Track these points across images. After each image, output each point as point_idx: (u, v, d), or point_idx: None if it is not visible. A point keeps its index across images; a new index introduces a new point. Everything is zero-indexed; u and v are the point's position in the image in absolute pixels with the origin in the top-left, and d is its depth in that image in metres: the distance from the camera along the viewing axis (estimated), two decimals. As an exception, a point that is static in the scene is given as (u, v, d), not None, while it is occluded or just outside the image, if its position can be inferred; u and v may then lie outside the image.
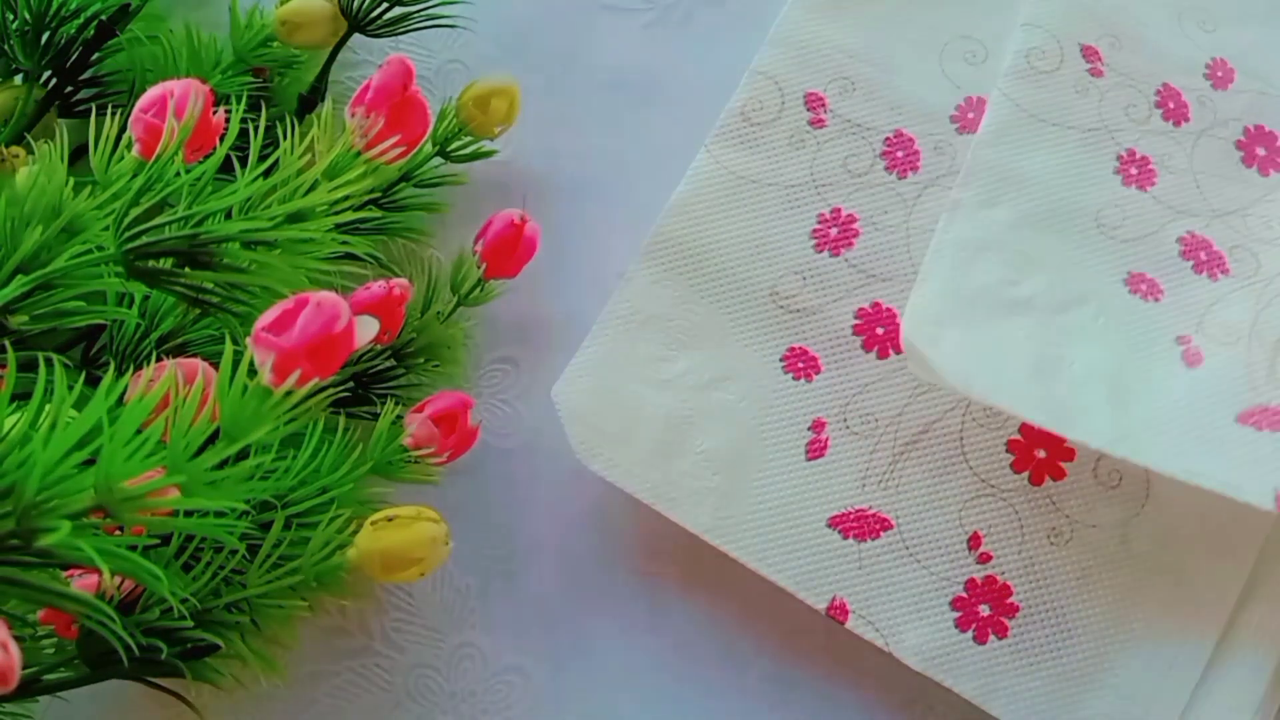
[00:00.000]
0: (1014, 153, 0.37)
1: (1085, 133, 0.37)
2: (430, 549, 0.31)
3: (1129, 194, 0.36)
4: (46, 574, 0.23)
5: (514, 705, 0.37)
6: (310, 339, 0.23)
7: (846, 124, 0.39)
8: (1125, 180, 0.37)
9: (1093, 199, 0.36)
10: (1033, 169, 0.36)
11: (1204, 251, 0.36)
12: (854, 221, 0.38)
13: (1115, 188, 0.36)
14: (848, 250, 0.38)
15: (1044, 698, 0.34)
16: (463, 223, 0.40)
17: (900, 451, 0.36)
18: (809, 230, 0.38)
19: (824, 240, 0.38)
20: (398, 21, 0.37)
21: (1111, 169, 0.37)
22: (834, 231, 0.38)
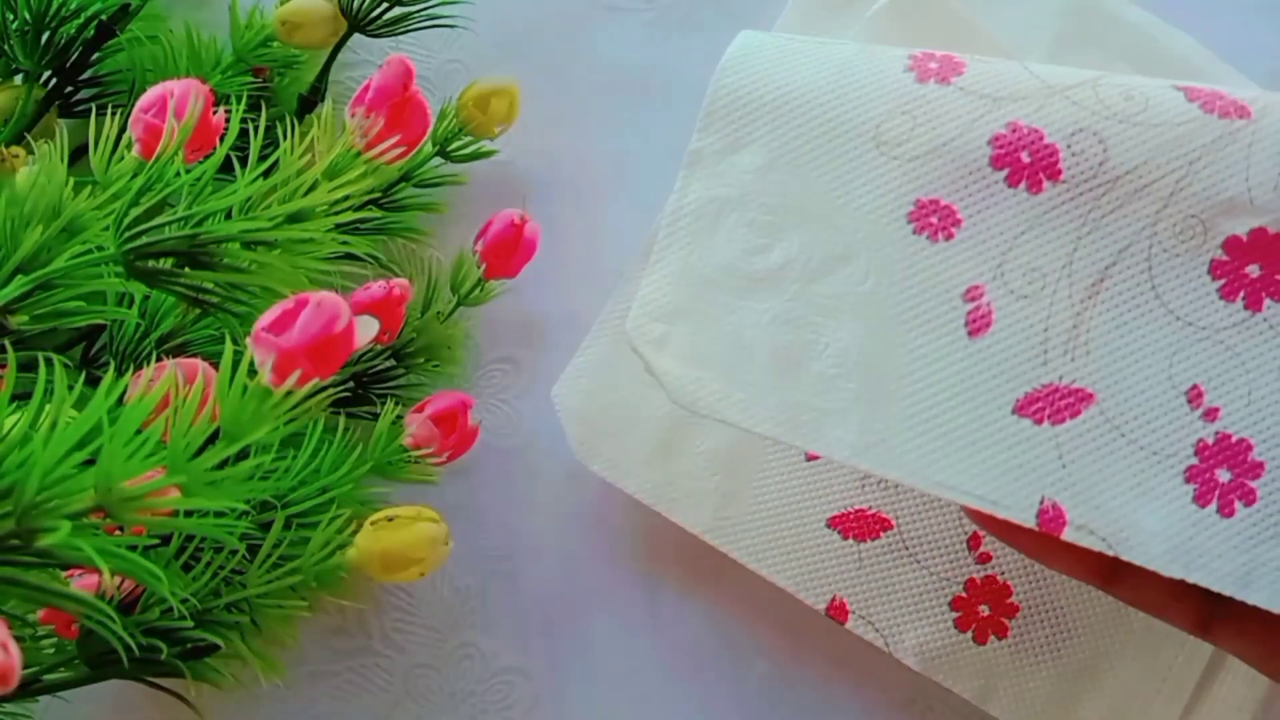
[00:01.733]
0: (769, 69, 0.30)
1: (861, 49, 0.30)
2: (430, 549, 0.31)
3: (926, 91, 0.29)
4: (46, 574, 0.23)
5: (514, 705, 0.37)
6: (310, 339, 0.23)
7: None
8: (921, 75, 0.29)
9: (872, 109, 0.29)
10: (793, 87, 0.30)
11: (1028, 150, 0.28)
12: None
13: (907, 86, 0.29)
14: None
15: (1043, 698, 0.34)
16: (463, 223, 0.40)
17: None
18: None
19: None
20: (398, 21, 0.37)
21: (903, 65, 0.29)
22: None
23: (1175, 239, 0.27)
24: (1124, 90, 0.27)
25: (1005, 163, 0.28)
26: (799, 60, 0.30)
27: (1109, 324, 0.28)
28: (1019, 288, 0.28)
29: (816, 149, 0.29)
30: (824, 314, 0.29)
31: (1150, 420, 0.27)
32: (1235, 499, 0.27)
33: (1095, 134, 0.27)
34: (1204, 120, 0.26)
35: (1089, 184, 0.27)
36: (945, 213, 0.28)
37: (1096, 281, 0.28)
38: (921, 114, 0.28)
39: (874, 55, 0.30)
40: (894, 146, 0.28)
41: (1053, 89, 0.28)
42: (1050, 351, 0.28)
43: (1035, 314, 0.28)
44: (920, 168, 0.28)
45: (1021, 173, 0.28)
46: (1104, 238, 0.28)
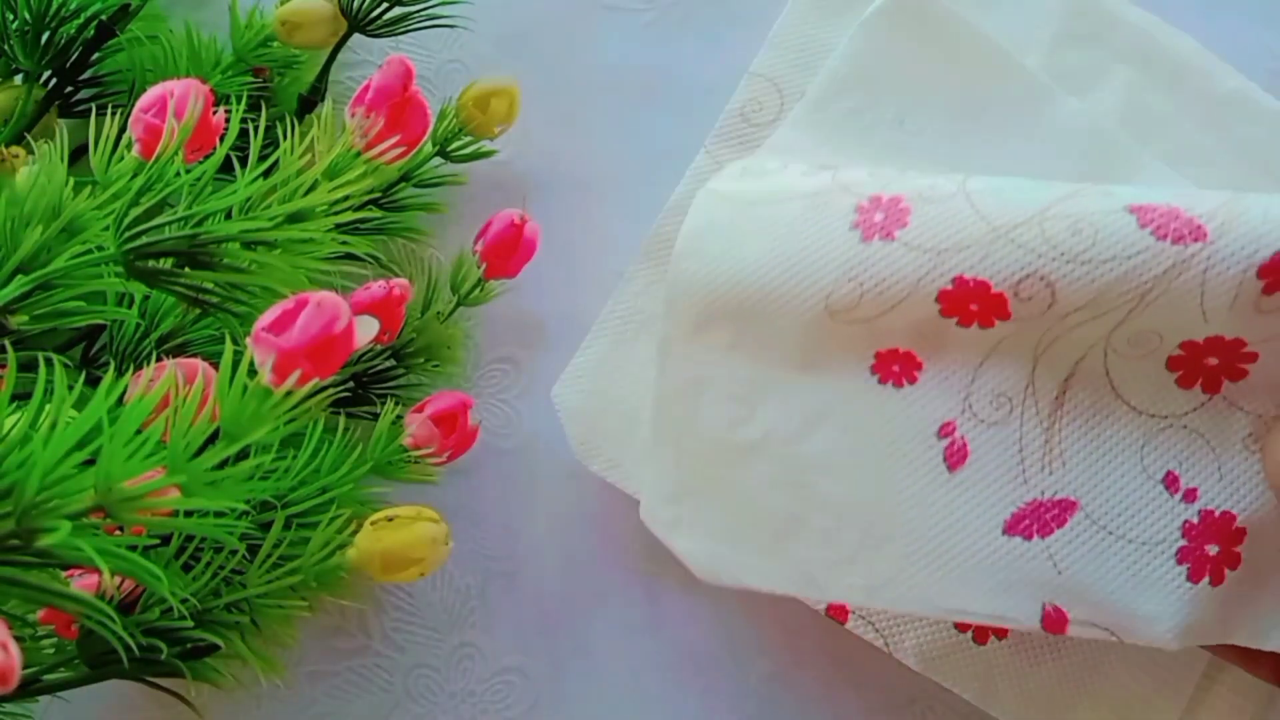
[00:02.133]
0: (725, 248, 0.31)
1: (811, 196, 0.31)
2: (430, 549, 0.31)
3: (871, 252, 0.29)
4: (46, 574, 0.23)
5: (514, 705, 0.37)
6: (310, 339, 0.23)
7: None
8: (866, 233, 0.29)
9: (821, 279, 0.29)
10: (745, 266, 0.30)
11: (975, 301, 0.28)
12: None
13: (853, 248, 0.29)
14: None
15: (1043, 698, 0.34)
16: (463, 223, 0.40)
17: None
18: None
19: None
20: (398, 21, 0.37)
21: (849, 222, 0.29)
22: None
23: (1130, 347, 0.28)
24: (1072, 223, 0.27)
25: (954, 312, 0.29)
26: (749, 232, 0.31)
27: (1078, 432, 0.29)
28: (988, 416, 0.29)
29: (775, 323, 0.30)
30: (812, 472, 0.30)
31: (1134, 514, 0.29)
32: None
33: (1042, 278, 0.27)
34: (1156, 249, 0.26)
35: (1039, 319, 0.28)
36: (905, 359, 0.30)
37: (1059, 395, 0.29)
38: (868, 278, 0.29)
39: (822, 212, 0.30)
40: (845, 313, 0.29)
41: (997, 232, 0.28)
42: (1028, 470, 0.29)
43: (1008, 438, 0.29)
44: (873, 327, 0.29)
45: (972, 318, 0.29)
46: (1060, 355, 0.29)
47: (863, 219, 0.29)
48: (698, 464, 0.31)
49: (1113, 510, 0.29)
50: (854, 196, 0.30)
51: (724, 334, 0.31)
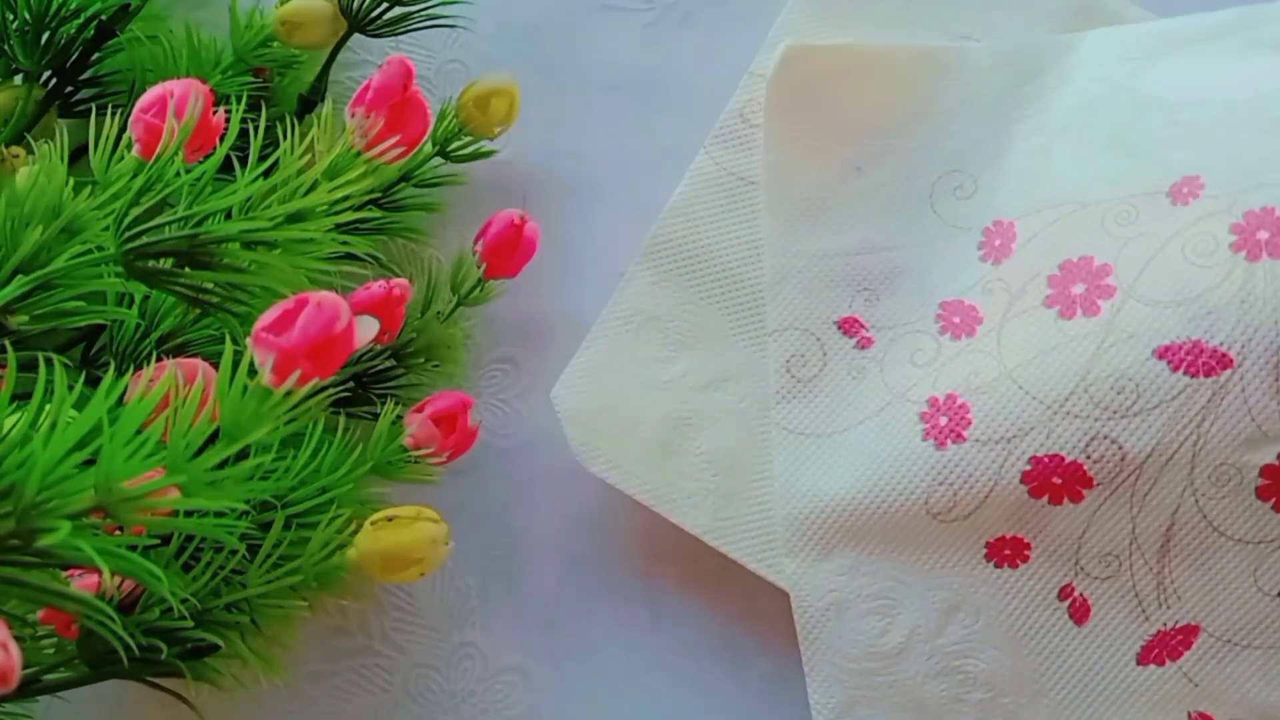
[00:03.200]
0: (815, 484, 0.34)
1: (875, 416, 0.35)
2: (430, 549, 0.31)
3: (949, 456, 0.33)
4: (46, 574, 0.23)
5: (514, 705, 0.37)
6: (310, 339, 0.23)
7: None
8: (939, 441, 0.33)
9: (915, 491, 0.33)
10: (840, 492, 0.34)
11: (1057, 475, 0.32)
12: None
13: (931, 456, 0.33)
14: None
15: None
16: (463, 223, 0.40)
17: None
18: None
19: None
20: (398, 21, 0.37)
21: (919, 433, 0.33)
22: None
23: (1215, 486, 0.31)
24: (1113, 384, 0.30)
25: (1042, 492, 0.32)
26: (833, 464, 0.35)
27: (1188, 570, 0.32)
28: (1100, 573, 0.32)
29: (887, 538, 0.34)
30: (959, 658, 0.33)
31: (1255, 625, 0.32)
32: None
33: (1106, 437, 0.30)
34: (1194, 385, 0.29)
35: (1120, 478, 0.31)
36: (1014, 543, 0.33)
37: (1164, 544, 0.32)
38: (956, 478, 0.32)
39: (891, 430, 0.33)
40: (946, 513, 0.33)
41: (1051, 410, 0.31)
42: (1147, 610, 0.32)
43: (1122, 587, 0.32)
44: (976, 521, 0.33)
45: (1060, 493, 0.32)
46: (1154, 510, 0.31)
47: (930, 426, 0.33)
48: (855, 677, 0.34)
49: (1234, 626, 0.32)
50: (912, 405, 0.33)
51: (846, 558, 0.34)
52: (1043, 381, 0.31)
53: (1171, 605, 0.32)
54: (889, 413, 0.34)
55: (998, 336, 0.32)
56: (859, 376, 0.35)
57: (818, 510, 0.34)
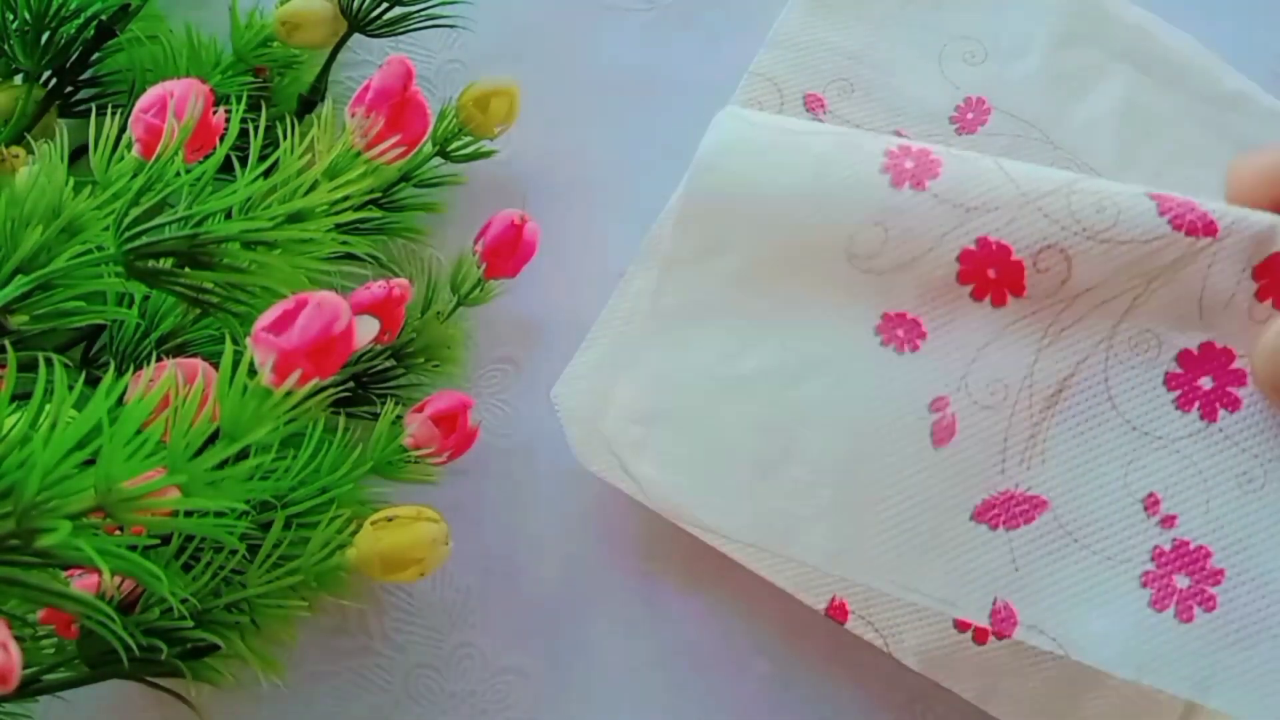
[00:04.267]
0: (745, 171, 0.30)
1: (841, 135, 0.30)
2: (430, 549, 0.31)
3: (900, 199, 0.29)
4: (46, 574, 0.23)
5: (514, 705, 0.37)
6: (310, 339, 0.23)
7: (846, 125, 0.39)
8: (896, 179, 0.29)
9: (846, 219, 0.29)
10: (769, 193, 0.29)
11: (994, 267, 0.28)
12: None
13: (882, 193, 0.29)
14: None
15: (1044, 698, 0.34)
16: (463, 223, 0.40)
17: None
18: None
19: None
20: (398, 21, 0.37)
21: (878, 165, 0.29)
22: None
23: (1130, 351, 0.28)
24: (1096, 200, 0.27)
25: (971, 278, 0.28)
26: (776, 159, 0.30)
27: (1066, 434, 0.29)
28: (982, 399, 0.29)
29: (791, 259, 0.29)
30: (797, 421, 0.29)
31: (1104, 527, 0.28)
32: (1194, 604, 0.28)
33: (1061, 250, 0.28)
34: (1170, 238, 0.27)
35: (1050, 299, 0.28)
36: (911, 326, 0.29)
37: (1055, 393, 0.29)
38: (894, 225, 0.28)
39: (851, 152, 0.29)
40: (865, 260, 0.29)
41: (1026, 198, 0.28)
42: (1008, 460, 0.29)
43: (996, 424, 0.29)
44: (888, 281, 0.29)
45: (987, 288, 0.28)
46: (1062, 350, 0.28)
47: (893, 164, 0.28)
48: (678, 391, 0.30)
49: (1082, 518, 0.29)
50: (885, 144, 0.29)
51: (733, 262, 0.30)
52: (1028, 175, 0.28)
53: (1034, 467, 0.29)
54: (856, 139, 0.30)
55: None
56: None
57: (730, 200, 0.29)
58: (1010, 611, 0.28)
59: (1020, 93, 0.39)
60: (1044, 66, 0.39)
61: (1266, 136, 0.39)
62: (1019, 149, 0.39)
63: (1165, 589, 0.28)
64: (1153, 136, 0.39)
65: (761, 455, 0.30)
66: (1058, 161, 0.38)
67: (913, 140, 0.29)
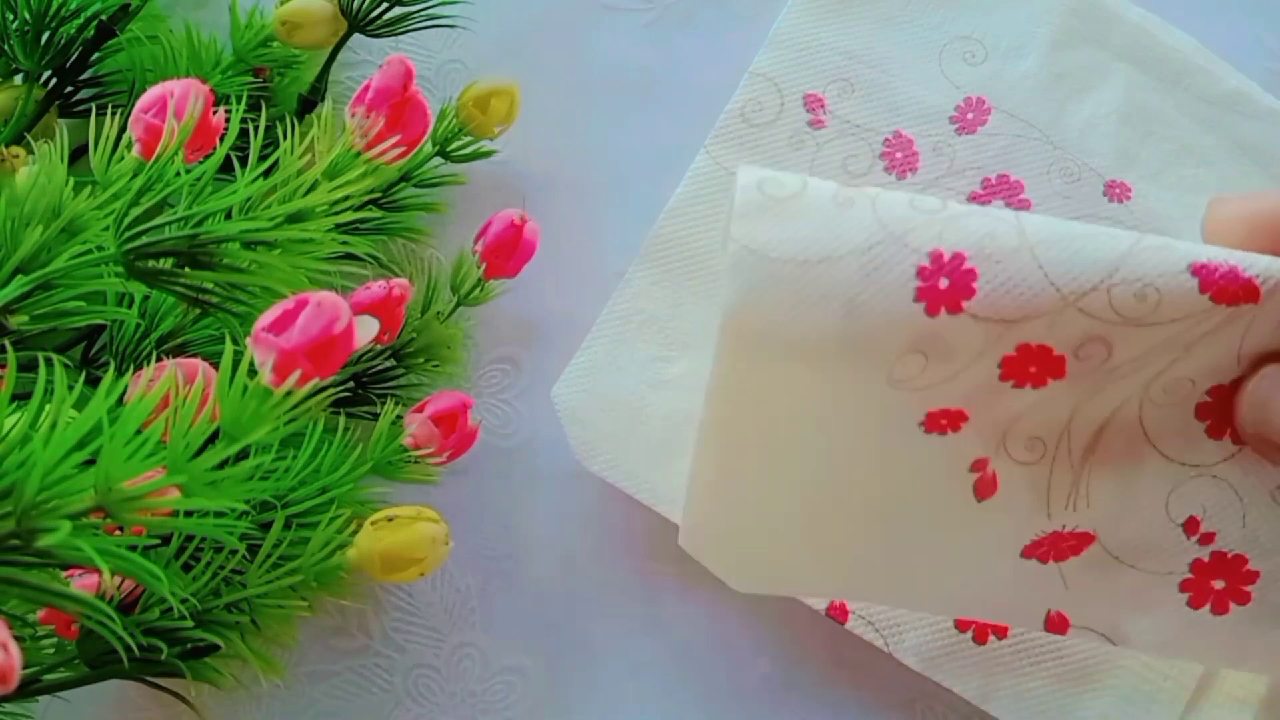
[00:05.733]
0: (778, 319, 0.29)
1: (865, 252, 0.29)
2: (430, 549, 0.31)
3: (937, 325, 0.29)
4: (46, 574, 0.23)
5: (514, 705, 0.37)
6: (310, 339, 0.23)
7: (846, 125, 0.39)
8: (930, 307, 0.28)
9: (884, 354, 0.29)
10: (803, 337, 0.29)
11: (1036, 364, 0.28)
12: None
13: (918, 322, 0.29)
14: None
15: (1044, 698, 0.34)
16: (463, 223, 0.40)
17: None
18: None
19: None
20: (398, 21, 0.37)
21: (910, 294, 0.28)
22: None
23: (1165, 394, 0.29)
24: (1139, 289, 0.27)
25: (1012, 375, 0.28)
26: (803, 301, 0.29)
27: (1107, 476, 0.30)
28: (1020, 456, 0.30)
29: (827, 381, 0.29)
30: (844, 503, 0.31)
31: (1148, 549, 0.30)
32: (1230, 600, 0.30)
33: (1103, 340, 0.28)
34: (1212, 311, 0.27)
35: (1089, 377, 0.28)
36: (954, 415, 0.29)
37: (1093, 441, 0.29)
38: (934, 352, 0.28)
39: (880, 278, 0.28)
40: (907, 381, 0.29)
41: (1066, 300, 0.27)
42: (1053, 506, 0.30)
43: (1038, 476, 0.30)
44: (932, 392, 0.29)
45: (1027, 380, 0.28)
46: (1098, 404, 0.29)
47: (926, 288, 0.28)
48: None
49: (1128, 543, 0.30)
50: (914, 254, 0.28)
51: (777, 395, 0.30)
52: (1066, 266, 0.27)
53: (1078, 509, 0.30)
54: (881, 256, 0.29)
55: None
56: (846, 206, 0.29)
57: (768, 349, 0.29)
58: (1064, 618, 0.31)
59: (1020, 92, 0.39)
60: (1044, 66, 0.39)
61: (1266, 136, 0.39)
62: (1019, 149, 0.39)
63: (1203, 591, 0.30)
64: (1153, 136, 0.39)
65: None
66: (1058, 161, 0.38)
67: (939, 199, 0.29)
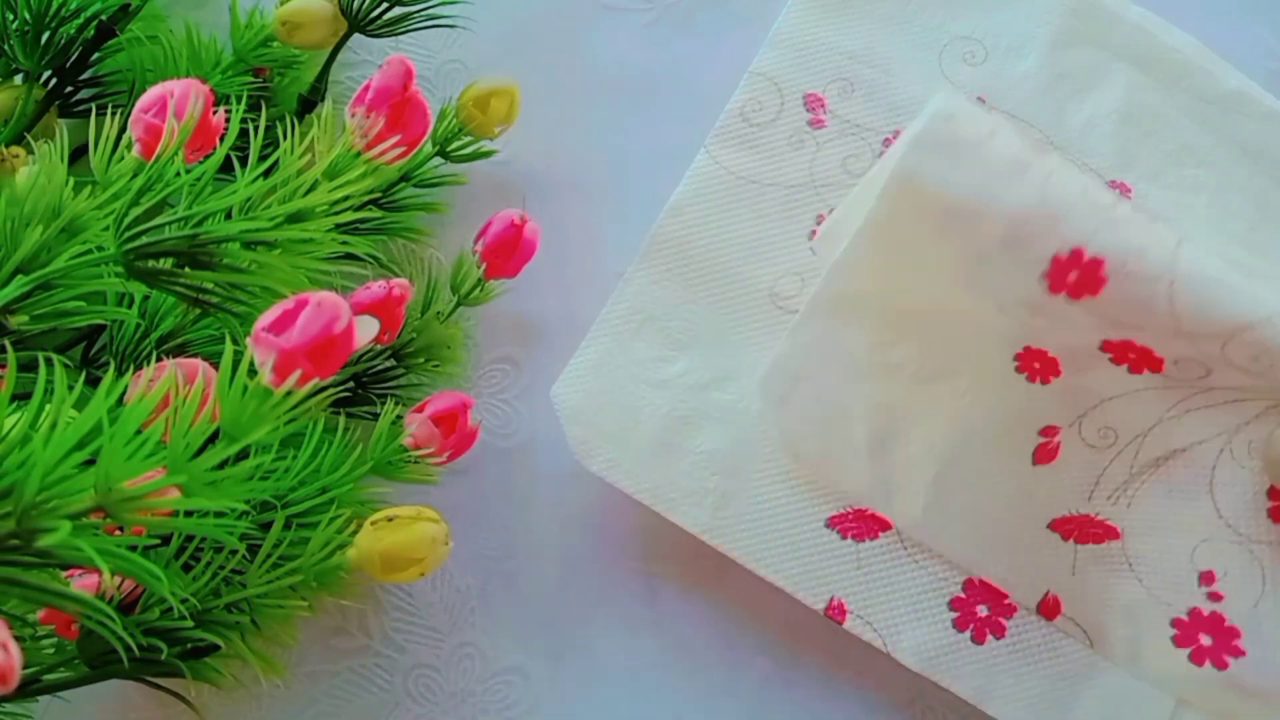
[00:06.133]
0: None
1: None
2: (430, 549, 0.31)
3: (1054, 304, 0.30)
4: (46, 574, 0.23)
5: (514, 705, 0.37)
6: (310, 339, 0.23)
7: (846, 124, 0.39)
8: (1053, 285, 0.29)
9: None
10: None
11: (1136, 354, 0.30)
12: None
13: (1036, 294, 0.30)
14: None
15: (1041, 698, 0.34)
16: (463, 223, 0.40)
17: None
18: (807, 231, 0.38)
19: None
20: (398, 21, 0.37)
21: (1039, 271, 0.29)
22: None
23: (1246, 454, 0.30)
24: (1253, 353, 0.28)
25: (1111, 350, 0.30)
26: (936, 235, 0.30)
27: (1159, 494, 0.31)
28: (1090, 438, 0.31)
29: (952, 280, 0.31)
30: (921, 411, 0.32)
31: (1160, 573, 0.31)
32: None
33: (1204, 365, 0.29)
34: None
35: (1183, 389, 0.30)
36: (1048, 363, 0.31)
37: (1163, 458, 0.31)
38: (1043, 323, 0.30)
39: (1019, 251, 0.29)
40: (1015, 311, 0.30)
41: (1182, 335, 0.28)
42: (1097, 495, 0.31)
43: (1097, 463, 0.31)
44: (1037, 328, 0.30)
45: (1126, 359, 0.30)
46: (1185, 426, 0.30)
47: (1055, 271, 0.29)
48: (826, 363, 0.35)
49: (1144, 558, 0.31)
50: (1058, 242, 0.29)
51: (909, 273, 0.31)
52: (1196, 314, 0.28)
53: (1118, 506, 0.31)
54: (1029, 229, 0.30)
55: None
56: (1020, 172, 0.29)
57: (929, 201, 0.29)
58: (1058, 603, 0.32)
59: (1020, 92, 0.39)
60: (1044, 66, 0.39)
61: (1267, 137, 0.39)
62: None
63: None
64: (1153, 136, 0.39)
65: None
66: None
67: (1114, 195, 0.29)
